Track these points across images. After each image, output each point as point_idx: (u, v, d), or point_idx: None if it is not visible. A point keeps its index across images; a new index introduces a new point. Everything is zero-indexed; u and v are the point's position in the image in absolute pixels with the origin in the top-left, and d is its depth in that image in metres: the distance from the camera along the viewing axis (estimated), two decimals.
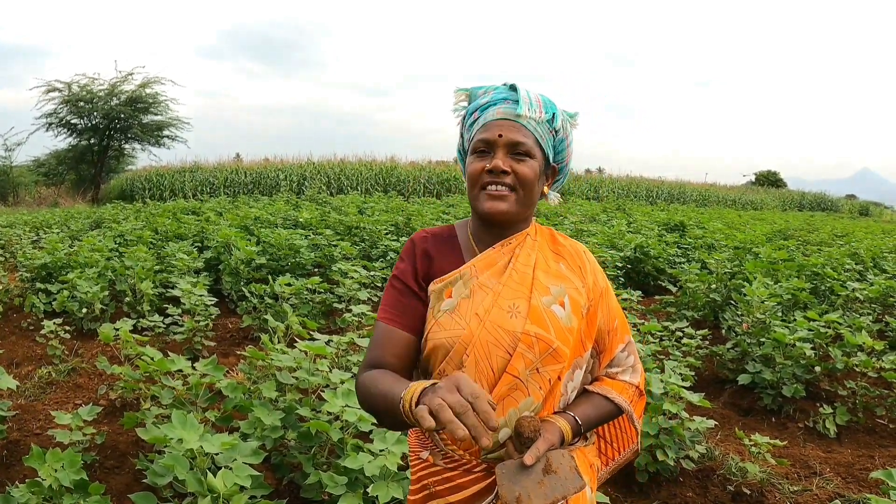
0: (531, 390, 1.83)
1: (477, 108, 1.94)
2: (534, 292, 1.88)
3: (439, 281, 1.92)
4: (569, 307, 1.89)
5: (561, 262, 1.99)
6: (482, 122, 1.91)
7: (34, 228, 15.39)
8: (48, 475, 3.17)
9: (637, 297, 8.06)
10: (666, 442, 4.35)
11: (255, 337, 7.49)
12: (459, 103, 2.02)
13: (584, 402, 1.96)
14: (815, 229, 20.57)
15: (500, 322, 1.84)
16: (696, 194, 45.60)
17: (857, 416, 5.66)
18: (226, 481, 2.80)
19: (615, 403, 1.98)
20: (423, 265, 1.96)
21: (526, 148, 1.86)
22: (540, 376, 1.84)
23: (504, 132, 1.86)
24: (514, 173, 1.86)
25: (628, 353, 2.06)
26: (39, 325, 7.00)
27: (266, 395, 3.88)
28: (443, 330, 1.86)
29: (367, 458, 3.16)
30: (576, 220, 16.83)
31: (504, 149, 1.86)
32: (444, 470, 1.91)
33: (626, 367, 2.06)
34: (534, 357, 1.82)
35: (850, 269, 10.59)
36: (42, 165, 38.79)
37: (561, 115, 1.94)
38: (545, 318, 1.85)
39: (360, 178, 34.16)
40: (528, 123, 1.88)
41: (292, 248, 9.84)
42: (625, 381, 2.04)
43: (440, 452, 1.93)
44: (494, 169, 1.85)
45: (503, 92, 1.92)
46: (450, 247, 2.01)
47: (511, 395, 1.82)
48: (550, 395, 1.87)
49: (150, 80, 35.96)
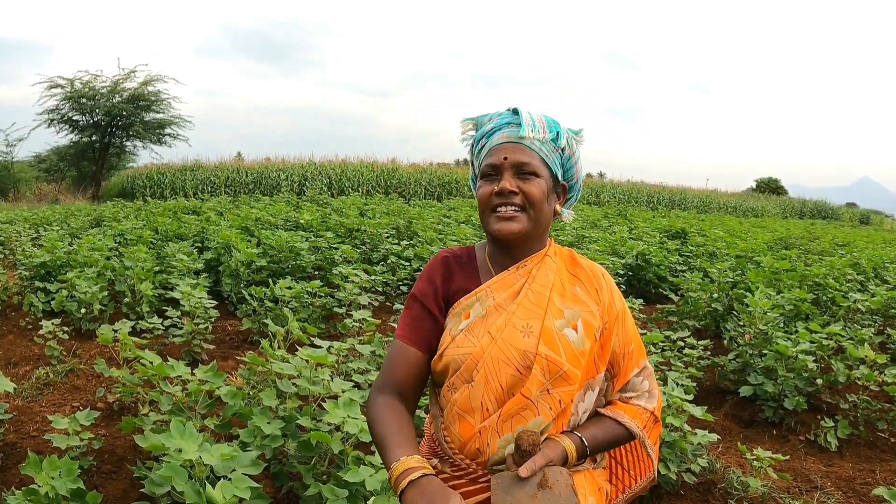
0: (541, 410, 1.87)
1: (483, 136, 2.00)
2: (548, 314, 1.91)
3: (458, 305, 1.98)
4: (581, 331, 1.92)
5: (577, 286, 2.02)
6: (488, 147, 1.97)
7: (34, 225, 15.35)
8: (45, 483, 3.14)
9: (639, 305, 8.05)
10: (668, 455, 4.33)
11: (254, 340, 7.46)
12: (467, 132, 2.09)
13: (593, 425, 1.98)
14: (816, 238, 20.56)
15: (512, 340, 1.89)
16: (697, 200, 45.68)
17: (859, 430, 5.63)
18: (225, 493, 2.77)
19: (626, 428, 1.99)
20: (444, 286, 2.02)
21: (531, 168, 1.91)
22: (551, 397, 1.87)
23: (509, 154, 1.92)
24: (522, 193, 1.91)
25: (643, 379, 2.08)
26: (38, 324, 6.97)
27: (266, 402, 3.85)
28: (457, 347, 1.92)
29: (369, 472, 3.14)
30: (577, 225, 16.81)
31: (510, 170, 1.92)
32: (452, 478, 1.95)
33: (642, 392, 2.07)
34: (545, 379, 1.86)
35: (851, 280, 10.58)
36: (43, 161, 38.82)
37: (565, 134, 1.98)
38: (557, 341, 1.89)
39: (361, 180, 34.20)
40: (532, 144, 1.93)
41: (293, 251, 9.81)
42: (639, 405, 2.05)
43: (448, 461, 1.97)
44: (502, 191, 1.90)
45: (507, 117, 1.97)
46: (469, 268, 2.06)
47: (521, 414, 1.87)
48: (562, 415, 1.90)
49: (153, 77, 36.03)
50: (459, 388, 1.91)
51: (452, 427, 1.93)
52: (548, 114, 2.01)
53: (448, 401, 1.94)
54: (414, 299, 2.03)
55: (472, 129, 2.07)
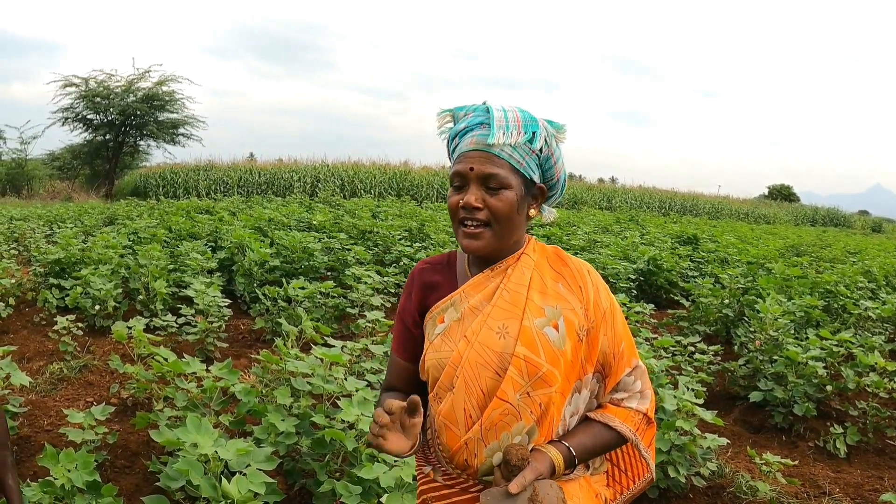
0: (523, 415, 1.83)
1: (457, 134, 1.89)
2: (526, 313, 1.85)
3: (434, 309, 1.96)
4: (563, 329, 1.86)
5: (560, 283, 1.93)
6: (458, 151, 1.87)
7: (48, 222, 15.43)
8: (61, 475, 3.18)
9: (650, 310, 8.05)
10: (677, 458, 4.34)
11: (267, 339, 7.50)
12: (445, 125, 1.98)
13: (581, 431, 1.93)
14: (828, 245, 20.48)
15: (488, 343, 1.84)
16: (708, 206, 45.55)
17: (868, 437, 5.62)
18: (240, 487, 2.81)
19: (618, 432, 1.93)
20: (421, 297, 2.01)
21: (498, 180, 1.81)
22: (531, 400, 1.82)
23: (476, 165, 1.81)
24: (487, 208, 1.82)
25: (635, 379, 1.99)
26: (52, 320, 7.03)
27: (280, 400, 3.89)
28: (435, 352, 1.90)
29: (383, 469, 3.16)
30: (589, 230, 16.81)
31: (476, 182, 1.82)
32: (443, 486, 1.95)
33: (633, 392, 1.99)
34: (523, 381, 1.81)
35: (863, 288, 10.55)
36: (57, 159, 39.01)
37: (543, 132, 1.86)
38: (536, 340, 1.83)
39: (373, 182, 34.21)
40: (502, 152, 1.81)
41: (306, 251, 9.86)
42: (630, 407, 1.97)
43: (440, 469, 1.96)
44: (466, 205, 1.82)
45: (480, 115, 1.85)
46: (447, 274, 2.03)
47: (503, 420, 1.82)
48: (544, 418, 1.85)
49: (167, 77, 36.09)
50: (444, 397, 1.88)
51: (441, 437, 1.92)
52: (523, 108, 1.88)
53: (435, 411, 1.92)
54: (398, 316, 2.07)
55: (449, 121, 1.97)
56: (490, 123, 1.81)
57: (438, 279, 2.01)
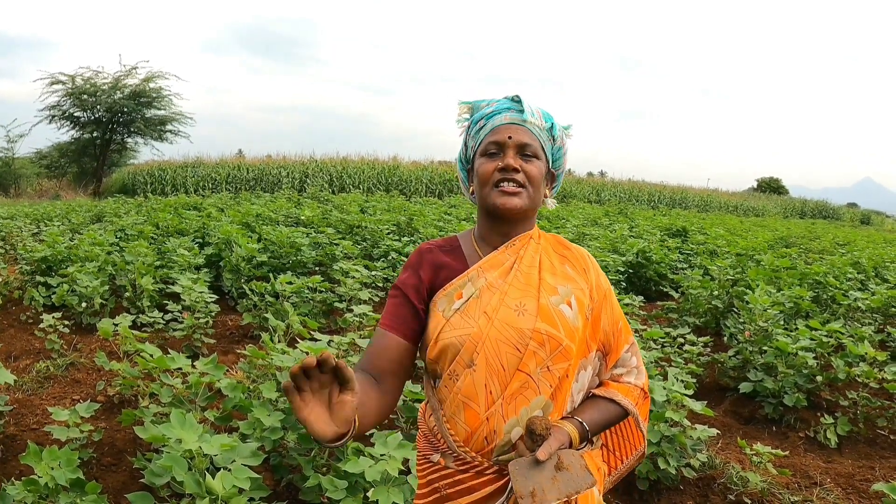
0: (541, 388, 1.90)
1: (483, 117, 2.05)
2: (542, 292, 1.96)
3: (449, 286, 2.00)
4: (575, 307, 1.97)
5: (567, 265, 2.07)
6: (490, 127, 2.01)
7: (35, 221, 15.37)
8: (45, 473, 3.15)
9: (639, 302, 8.05)
10: (667, 450, 4.32)
11: (254, 335, 7.46)
12: (463, 115, 2.13)
13: (589, 407, 2.02)
14: (817, 237, 20.56)
15: (509, 320, 1.91)
16: (697, 200, 45.71)
17: (858, 427, 5.63)
18: (225, 483, 2.78)
19: (622, 406, 2.04)
20: (430, 276, 2.04)
21: (533, 150, 1.98)
22: (550, 374, 1.91)
23: (514, 134, 1.97)
24: (523, 172, 1.96)
25: (632, 355, 2.12)
26: (38, 318, 6.98)
27: (266, 395, 3.86)
28: (453, 329, 1.92)
29: (368, 463, 3.14)
30: (578, 223, 16.81)
31: (514, 149, 1.97)
32: (456, 472, 1.95)
33: (630, 368, 2.12)
34: (545, 355, 1.90)
35: (852, 279, 10.58)
36: (44, 158, 38.86)
37: (558, 125, 2.08)
38: (554, 316, 1.92)
39: (362, 177, 34.24)
40: (534, 128, 2.00)
41: (294, 246, 9.82)
42: (629, 382, 2.10)
43: (451, 455, 1.96)
44: (507, 167, 1.95)
45: (507, 103, 2.04)
46: (455, 256, 2.08)
47: (523, 394, 1.89)
48: (558, 392, 1.93)
49: (154, 74, 36.01)
50: (461, 374, 1.90)
51: (457, 418, 1.93)
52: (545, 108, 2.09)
53: (451, 391, 1.93)
54: (396, 289, 2.05)
55: (467, 112, 2.12)
56: (522, 109, 2.01)
57: (447, 259, 2.07)
